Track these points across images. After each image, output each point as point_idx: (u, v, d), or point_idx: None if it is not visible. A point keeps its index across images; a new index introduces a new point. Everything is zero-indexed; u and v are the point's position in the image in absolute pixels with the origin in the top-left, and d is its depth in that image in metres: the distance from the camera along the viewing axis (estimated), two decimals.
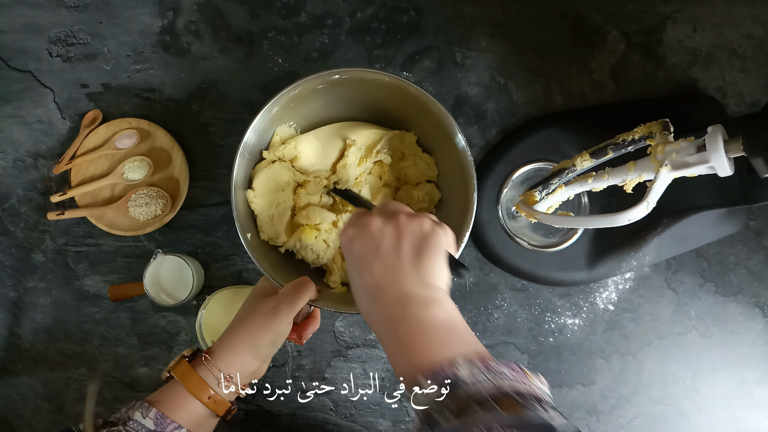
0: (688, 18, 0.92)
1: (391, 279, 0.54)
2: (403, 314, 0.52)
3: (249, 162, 0.77)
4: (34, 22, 0.91)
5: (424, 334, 0.51)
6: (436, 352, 0.49)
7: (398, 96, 0.76)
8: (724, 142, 0.55)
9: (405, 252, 0.55)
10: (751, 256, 0.92)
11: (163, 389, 0.63)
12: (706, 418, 0.92)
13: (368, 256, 0.56)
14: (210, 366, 0.63)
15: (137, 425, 0.60)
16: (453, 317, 0.52)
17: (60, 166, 0.88)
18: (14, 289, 0.91)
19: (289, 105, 0.76)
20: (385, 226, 0.56)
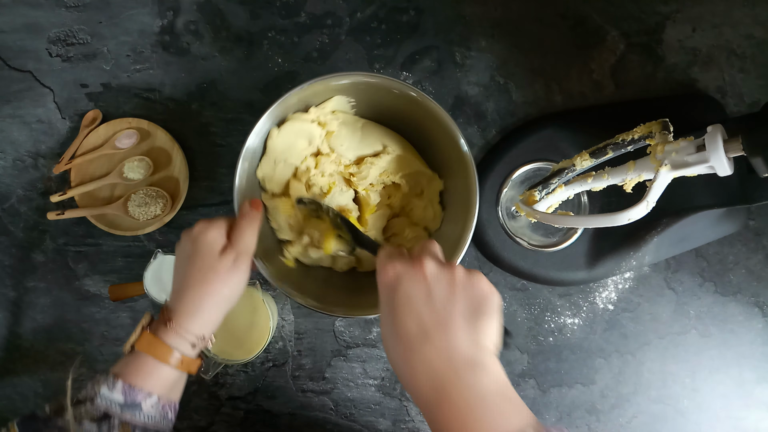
0: (687, 18, 0.92)
1: (443, 333, 0.49)
2: (456, 377, 0.47)
3: (251, 165, 0.77)
4: (34, 22, 0.91)
5: (483, 403, 0.46)
6: (499, 424, 0.46)
7: (406, 102, 0.76)
8: (723, 142, 0.55)
9: (460, 308, 0.50)
10: (751, 255, 0.92)
11: (128, 360, 0.61)
12: (706, 417, 0.92)
13: (417, 301, 0.51)
14: (181, 332, 0.61)
15: (105, 400, 0.57)
16: (506, 386, 0.49)
17: (60, 166, 0.88)
18: (14, 289, 0.91)
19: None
20: (441, 274, 0.52)
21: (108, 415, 0.57)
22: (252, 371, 0.91)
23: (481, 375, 0.47)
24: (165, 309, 0.63)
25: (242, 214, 0.67)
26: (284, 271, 0.78)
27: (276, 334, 0.90)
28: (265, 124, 0.74)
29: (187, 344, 0.62)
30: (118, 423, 0.57)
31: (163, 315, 0.62)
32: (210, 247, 0.63)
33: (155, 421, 0.60)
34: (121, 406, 0.58)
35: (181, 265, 0.65)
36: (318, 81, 0.72)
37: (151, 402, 0.60)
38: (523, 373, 0.92)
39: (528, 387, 0.92)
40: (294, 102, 0.75)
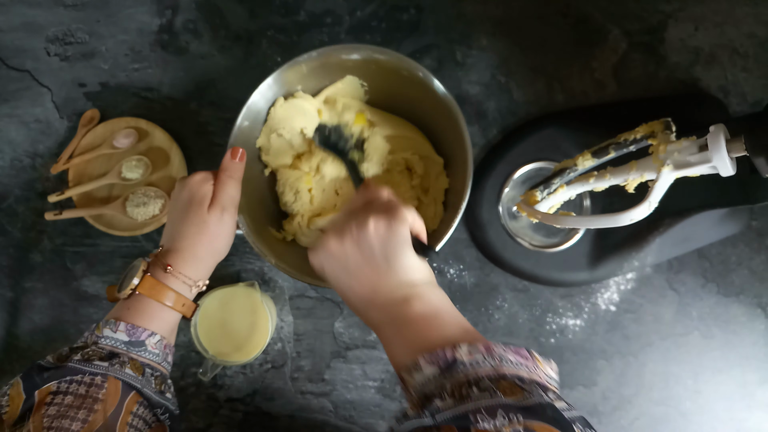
0: (690, 17, 0.91)
1: (373, 290, 0.56)
2: (389, 318, 0.55)
3: (251, 128, 0.77)
4: (32, 21, 0.91)
5: (413, 326, 0.53)
6: (432, 338, 0.51)
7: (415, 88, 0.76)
8: (726, 142, 0.54)
9: (372, 261, 0.56)
10: (754, 256, 0.91)
11: (128, 304, 0.63)
12: (708, 419, 0.91)
13: (342, 277, 0.59)
14: (180, 276, 0.64)
15: (110, 340, 0.59)
16: (435, 305, 0.54)
17: (58, 165, 0.88)
18: (12, 290, 0.91)
19: None
20: (342, 243, 0.58)
21: (115, 353, 0.59)
22: (251, 373, 0.90)
23: (406, 307, 0.54)
24: (160, 254, 0.66)
25: (223, 167, 0.70)
26: (266, 237, 0.79)
27: (275, 336, 0.90)
28: (270, 87, 0.74)
29: (186, 287, 0.65)
30: (127, 359, 0.58)
31: (160, 260, 0.65)
32: (201, 201, 0.67)
33: (159, 361, 0.63)
34: (126, 345, 0.60)
35: (177, 213, 0.68)
36: (329, 50, 0.73)
37: (155, 341, 0.62)
38: None
39: None
40: (304, 72, 0.75)
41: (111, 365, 0.56)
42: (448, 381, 0.45)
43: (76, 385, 0.54)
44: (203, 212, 0.66)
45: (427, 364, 0.47)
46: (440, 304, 0.55)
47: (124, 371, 0.57)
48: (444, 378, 0.46)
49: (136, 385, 0.57)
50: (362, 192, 0.64)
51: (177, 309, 0.64)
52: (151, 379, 0.60)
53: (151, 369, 0.61)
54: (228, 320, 0.81)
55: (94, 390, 0.54)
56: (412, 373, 0.48)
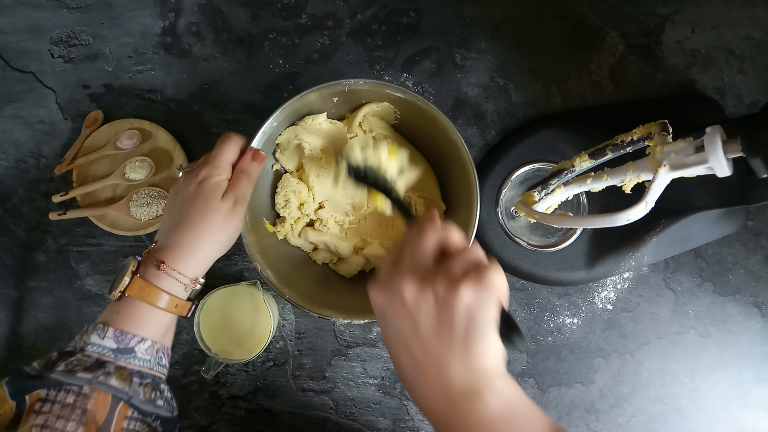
0: (686, 19, 0.92)
1: (435, 366, 0.48)
2: (454, 411, 0.46)
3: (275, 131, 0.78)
4: (36, 23, 0.92)
5: (487, 429, 0.46)
6: None
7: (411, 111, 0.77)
8: (722, 143, 0.55)
9: (447, 334, 0.48)
10: (749, 256, 0.92)
11: (117, 307, 0.60)
12: (705, 417, 0.92)
13: (405, 336, 0.49)
14: (174, 274, 0.60)
15: (97, 348, 0.56)
16: (513, 404, 0.47)
17: (62, 166, 0.89)
18: (16, 289, 0.91)
19: None
20: (421, 298, 0.48)
21: (102, 362, 0.56)
22: (253, 370, 0.91)
23: (479, 404, 0.46)
24: (153, 251, 0.62)
25: (242, 167, 0.68)
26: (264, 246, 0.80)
27: (277, 334, 0.91)
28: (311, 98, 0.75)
29: (180, 286, 0.62)
30: (113, 369, 0.55)
31: (153, 257, 0.61)
32: (215, 190, 0.64)
33: (150, 366, 0.59)
34: (114, 352, 0.57)
35: (179, 205, 0.65)
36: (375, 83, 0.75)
37: (145, 347, 0.59)
38: (522, 373, 0.92)
39: (527, 386, 0.92)
40: (345, 90, 0.76)
41: (95, 377, 0.54)
42: None
43: (64, 393, 0.52)
44: (215, 200, 0.64)
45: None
46: (518, 401, 0.47)
47: (108, 383, 0.54)
48: None
49: (122, 397, 0.55)
50: (430, 229, 0.53)
51: (170, 311, 0.61)
52: (138, 389, 0.57)
53: (140, 377, 0.58)
54: (230, 319, 0.82)
55: (82, 400, 0.52)
56: None
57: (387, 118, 0.84)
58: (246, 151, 0.70)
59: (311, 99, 0.76)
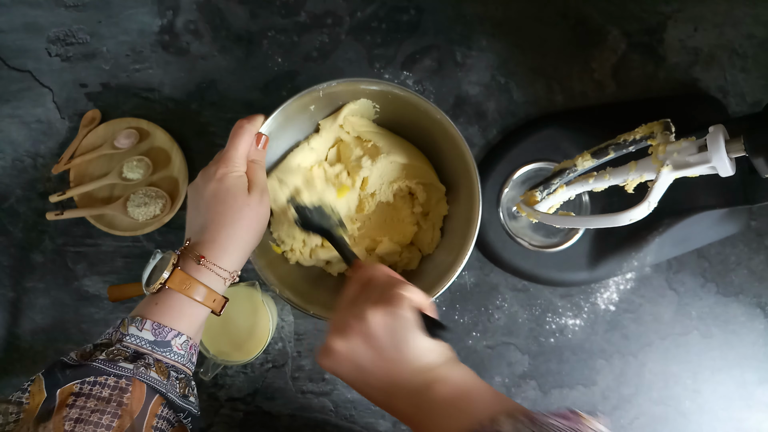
0: (689, 17, 0.92)
1: (389, 383, 0.54)
2: (418, 411, 0.52)
3: None
4: (33, 22, 0.91)
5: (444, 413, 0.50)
6: (466, 421, 0.48)
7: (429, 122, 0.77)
8: (725, 142, 0.54)
9: (383, 354, 0.54)
10: (753, 256, 0.92)
11: (156, 299, 0.60)
12: (708, 419, 0.91)
13: (356, 375, 0.56)
14: (215, 269, 0.61)
15: (135, 339, 0.57)
16: (461, 385, 0.52)
17: (59, 166, 0.88)
18: (13, 290, 0.91)
19: None
20: (348, 342, 0.55)
21: (140, 354, 0.57)
22: (251, 372, 0.90)
23: (431, 394, 0.51)
24: (190, 247, 0.63)
25: (251, 157, 0.69)
26: (271, 259, 0.79)
27: (276, 335, 0.90)
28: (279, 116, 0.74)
29: (220, 281, 0.62)
30: (152, 360, 0.56)
31: (192, 252, 0.62)
32: (240, 186, 0.65)
33: (183, 362, 0.60)
34: (152, 344, 0.58)
35: (204, 204, 0.64)
36: (348, 81, 0.74)
37: (180, 341, 0.59)
38: (524, 374, 0.91)
39: (529, 388, 0.91)
40: (320, 96, 0.75)
41: (136, 367, 0.54)
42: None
43: (99, 387, 0.52)
44: (244, 196, 0.64)
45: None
46: (465, 382, 0.53)
47: (149, 374, 0.55)
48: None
49: (161, 389, 0.55)
50: (357, 275, 0.62)
51: (207, 305, 0.61)
52: (176, 383, 0.58)
53: (176, 371, 0.59)
54: (229, 320, 0.82)
55: (119, 394, 0.52)
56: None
57: (367, 114, 0.83)
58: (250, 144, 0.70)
59: (289, 112, 0.74)
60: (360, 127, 0.82)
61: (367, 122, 0.83)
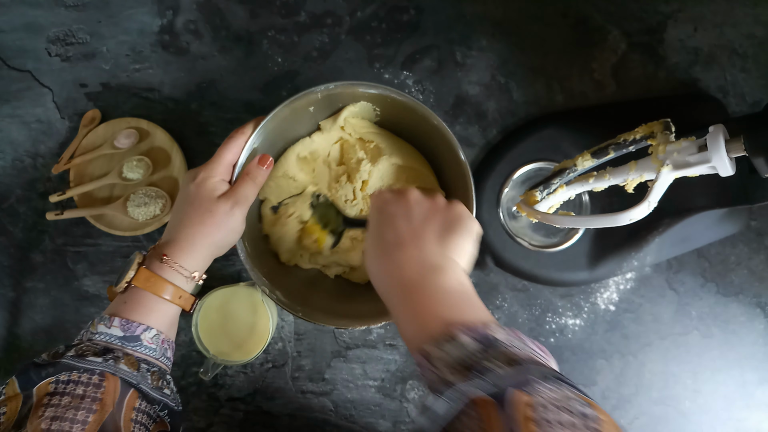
0: (689, 17, 0.92)
1: (415, 243, 0.57)
2: (422, 277, 0.54)
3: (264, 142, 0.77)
4: (33, 22, 0.91)
5: (447, 295, 0.53)
6: (464, 313, 0.51)
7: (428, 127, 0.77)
8: (725, 142, 0.55)
9: (434, 225, 0.58)
10: (753, 256, 0.91)
11: (124, 298, 0.62)
12: (708, 418, 0.91)
13: (398, 217, 0.60)
14: (176, 267, 0.63)
15: (104, 336, 0.59)
16: (466, 288, 0.55)
17: (59, 166, 0.88)
18: (13, 289, 0.91)
19: None
20: (423, 199, 0.61)
21: (110, 349, 0.58)
22: (251, 372, 0.90)
23: (445, 276, 0.54)
24: (157, 246, 0.65)
25: (248, 170, 0.71)
26: (264, 260, 0.80)
27: (275, 335, 0.90)
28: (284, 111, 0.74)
29: (183, 279, 0.64)
30: (122, 354, 0.58)
31: (156, 252, 0.64)
32: (211, 192, 0.67)
33: (156, 356, 0.61)
34: (121, 340, 0.59)
35: (180, 204, 0.68)
36: (346, 84, 0.74)
37: (150, 335, 0.61)
38: None
39: None
40: (318, 98, 0.75)
41: (105, 360, 0.55)
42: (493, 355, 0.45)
43: (73, 385, 0.53)
44: (210, 202, 0.66)
45: (467, 337, 0.47)
46: (471, 289, 0.56)
47: (118, 366, 0.56)
48: (487, 352, 0.45)
49: (132, 381, 0.56)
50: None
51: (174, 302, 0.63)
52: (147, 375, 0.59)
53: (147, 364, 0.59)
54: (229, 320, 0.82)
55: (92, 390, 0.53)
56: (443, 345, 0.47)
57: (368, 117, 0.83)
58: (252, 160, 0.72)
59: (286, 114, 0.74)
60: (361, 128, 0.82)
61: (368, 123, 0.83)
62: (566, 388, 0.41)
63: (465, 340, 0.47)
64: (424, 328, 0.51)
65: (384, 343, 0.90)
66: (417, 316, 0.52)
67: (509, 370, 0.42)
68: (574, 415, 0.38)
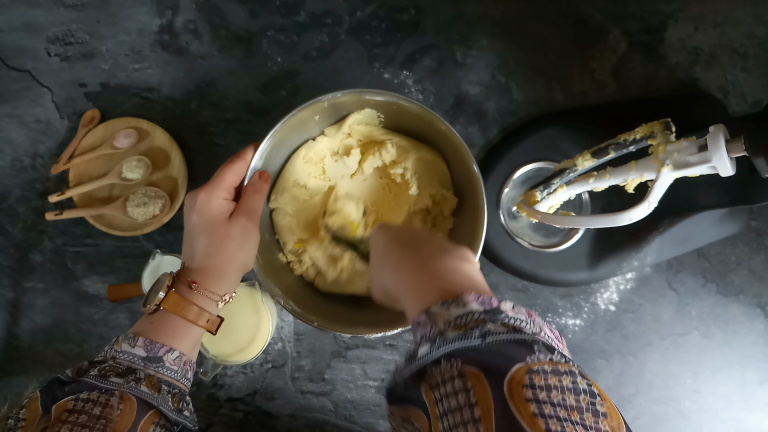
0: (689, 17, 0.91)
1: (426, 243, 0.59)
2: (438, 256, 0.55)
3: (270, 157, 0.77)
4: (33, 21, 0.91)
5: (459, 273, 0.53)
6: (475, 287, 0.50)
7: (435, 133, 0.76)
8: (725, 142, 0.55)
9: (439, 243, 0.59)
10: (753, 256, 0.91)
11: (151, 319, 0.62)
12: (708, 418, 0.91)
13: (407, 232, 0.63)
14: (206, 293, 0.63)
15: (127, 355, 0.58)
16: (474, 269, 0.56)
17: (58, 166, 0.88)
18: (12, 290, 0.91)
19: None
20: (423, 230, 0.65)
21: (132, 369, 0.57)
22: (251, 372, 0.90)
23: (446, 257, 0.55)
24: (184, 272, 0.65)
25: (251, 183, 0.71)
26: (275, 269, 0.80)
27: (275, 336, 0.90)
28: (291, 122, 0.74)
29: (212, 303, 0.64)
30: (143, 375, 0.57)
31: (184, 278, 0.64)
32: (219, 215, 0.66)
33: (177, 378, 0.61)
34: (144, 360, 0.58)
35: (191, 230, 0.66)
36: (353, 93, 0.73)
37: (173, 357, 0.60)
38: None
39: None
40: (325, 107, 0.75)
41: (126, 382, 0.55)
42: (491, 321, 0.44)
43: (92, 405, 0.53)
44: (225, 224, 0.66)
45: (474, 302, 0.46)
46: (477, 270, 0.56)
47: (139, 388, 0.56)
48: (487, 317, 0.44)
49: (153, 402, 0.56)
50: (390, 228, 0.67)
51: (201, 325, 0.63)
52: (167, 397, 0.58)
53: (168, 386, 0.59)
54: (229, 320, 0.81)
55: (109, 411, 0.53)
56: (449, 307, 0.47)
57: (372, 123, 0.83)
58: (252, 176, 0.72)
59: (292, 123, 0.74)
60: (368, 133, 0.82)
61: (374, 128, 0.82)
62: (568, 365, 0.40)
63: (474, 306, 0.46)
64: (433, 291, 0.50)
65: (384, 344, 0.90)
66: (427, 282, 0.52)
67: (501, 329, 0.42)
68: (575, 391, 0.38)
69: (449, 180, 0.83)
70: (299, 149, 0.81)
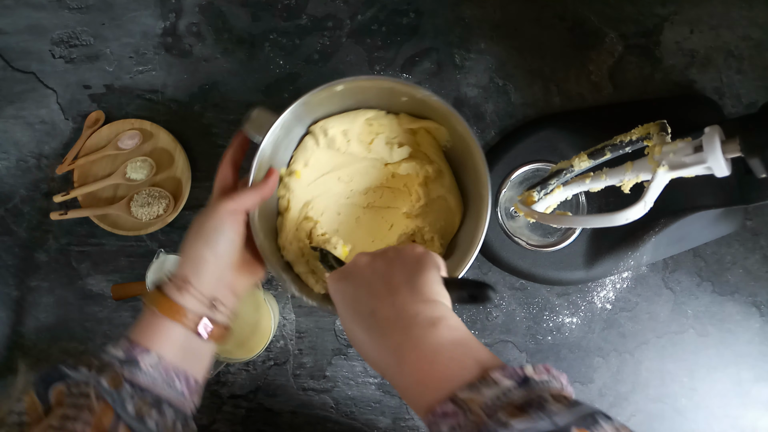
0: (685, 20, 0.93)
1: (389, 303, 0.51)
2: (407, 336, 0.48)
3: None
4: (37, 24, 0.92)
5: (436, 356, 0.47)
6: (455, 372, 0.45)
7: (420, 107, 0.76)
8: (721, 143, 0.55)
9: (398, 277, 0.53)
10: (748, 255, 0.92)
11: (140, 319, 0.59)
12: (704, 416, 0.92)
13: (360, 293, 0.54)
14: (191, 290, 0.60)
15: (108, 356, 0.55)
16: (462, 333, 0.49)
17: (63, 166, 0.89)
18: (17, 288, 0.92)
19: None
20: (374, 261, 0.56)
21: (109, 365, 0.55)
22: (253, 370, 0.91)
23: (431, 329, 0.48)
24: (173, 276, 0.61)
25: (261, 183, 0.68)
26: None
27: (277, 333, 0.91)
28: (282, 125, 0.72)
29: (198, 303, 0.60)
30: (113, 372, 0.54)
31: (172, 276, 0.60)
32: (208, 207, 0.64)
33: (158, 384, 0.56)
34: (121, 362, 0.55)
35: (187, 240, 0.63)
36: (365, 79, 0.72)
37: (150, 361, 0.56)
38: None
39: None
40: (337, 91, 0.72)
41: (89, 371, 0.53)
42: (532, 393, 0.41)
43: (85, 398, 0.51)
44: (207, 212, 0.63)
45: (503, 378, 0.43)
46: (466, 334, 0.49)
47: (98, 379, 0.52)
48: (526, 390, 0.42)
49: (106, 397, 0.51)
50: None
51: (178, 320, 0.58)
52: (126, 397, 0.53)
53: (140, 390, 0.54)
54: None
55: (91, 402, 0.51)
56: (480, 389, 0.42)
57: None
58: None
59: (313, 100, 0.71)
60: (388, 130, 0.81)
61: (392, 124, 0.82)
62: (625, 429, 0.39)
63: (506, 383, 0.43)
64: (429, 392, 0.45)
65: None
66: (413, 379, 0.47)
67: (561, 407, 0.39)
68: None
69: (457, 192, 0.81)
70: None
